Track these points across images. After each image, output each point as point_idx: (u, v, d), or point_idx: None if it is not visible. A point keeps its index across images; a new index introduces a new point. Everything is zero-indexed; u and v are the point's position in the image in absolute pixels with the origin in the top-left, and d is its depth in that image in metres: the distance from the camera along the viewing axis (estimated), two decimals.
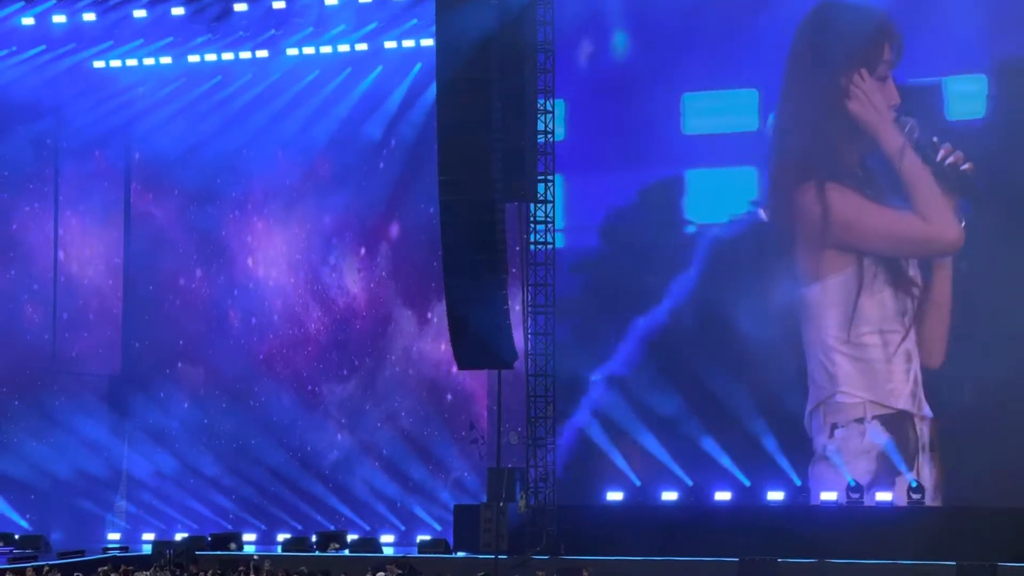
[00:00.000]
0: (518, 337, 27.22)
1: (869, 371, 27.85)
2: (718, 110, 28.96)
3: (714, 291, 28.53)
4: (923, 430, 27.30)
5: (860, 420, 27.74)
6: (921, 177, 27.30)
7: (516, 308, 27.57)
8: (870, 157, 27.83)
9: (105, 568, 23.91)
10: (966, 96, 27.18)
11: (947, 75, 27.26)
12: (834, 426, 27.90)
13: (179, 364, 34.15)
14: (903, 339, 27.48)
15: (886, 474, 27.38)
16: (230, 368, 33.58)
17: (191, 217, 34.00)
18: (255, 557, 24.72)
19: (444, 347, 31.40)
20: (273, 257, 33.68)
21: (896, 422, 27.55)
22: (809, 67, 28.14)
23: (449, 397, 31.95)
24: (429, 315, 32.03)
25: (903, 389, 27.55)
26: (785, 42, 28.21)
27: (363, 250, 32.94)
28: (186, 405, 33.78)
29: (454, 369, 30.36)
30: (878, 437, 27.56)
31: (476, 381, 31.06)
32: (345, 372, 33.00)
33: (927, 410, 27.30)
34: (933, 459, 27.22)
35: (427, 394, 32.17)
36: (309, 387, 33.17)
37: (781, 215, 28.57)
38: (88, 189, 34.03)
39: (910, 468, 27.14)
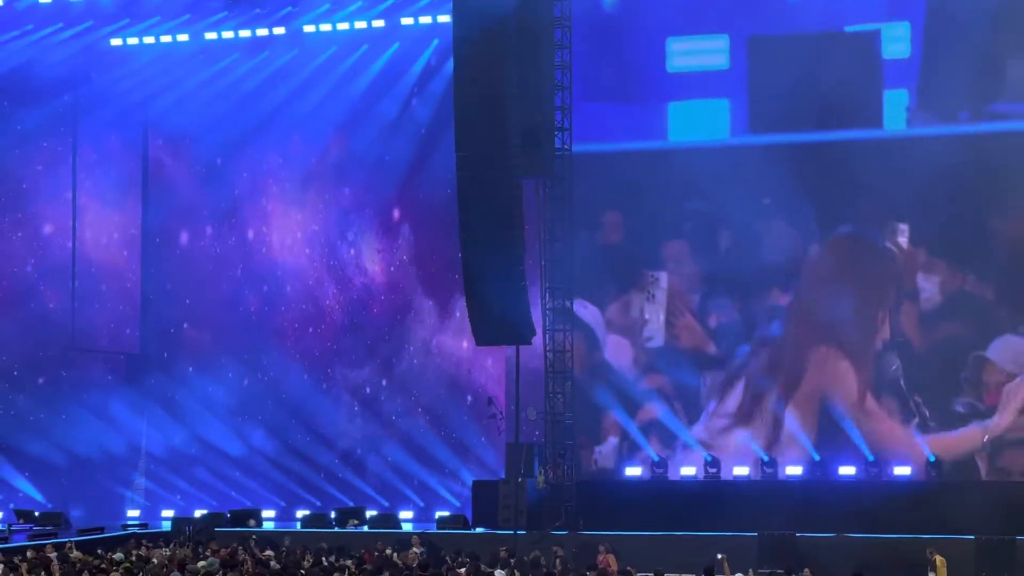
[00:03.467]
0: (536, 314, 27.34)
1: None
2: (696, 52, 29.51)
3: None
4: None
5: None
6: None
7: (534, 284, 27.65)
8: None
9: (128, 546, 23.99)
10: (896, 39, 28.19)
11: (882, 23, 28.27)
12: None
13: (185, 326, 34.21)
14: None
15: None
16: (239, 336, 33.69)
17: (208, 190, 34.04)
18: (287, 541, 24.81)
19: (467, 344, 31.47)
20: (289, 227, 33.63)
21: None
22: None
23: (469, 399, 31.84)
24: (452, 308, 31.83)
25: None
26: None
27: (383, 230, 32.90)
28: (191, 369, 33.84)
29: (476, 370, 30.46)
30: None
31: (498, 384, 30.78)
32: (358, 357, 32.96)
33: None
34: None
35: (446, 392, 32.10)
36: (321, 368, 33.13)
37: None
38: (106, 167, 34.00)
39: None
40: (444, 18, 30.34)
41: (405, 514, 31.12)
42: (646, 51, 29.54)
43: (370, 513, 30.01)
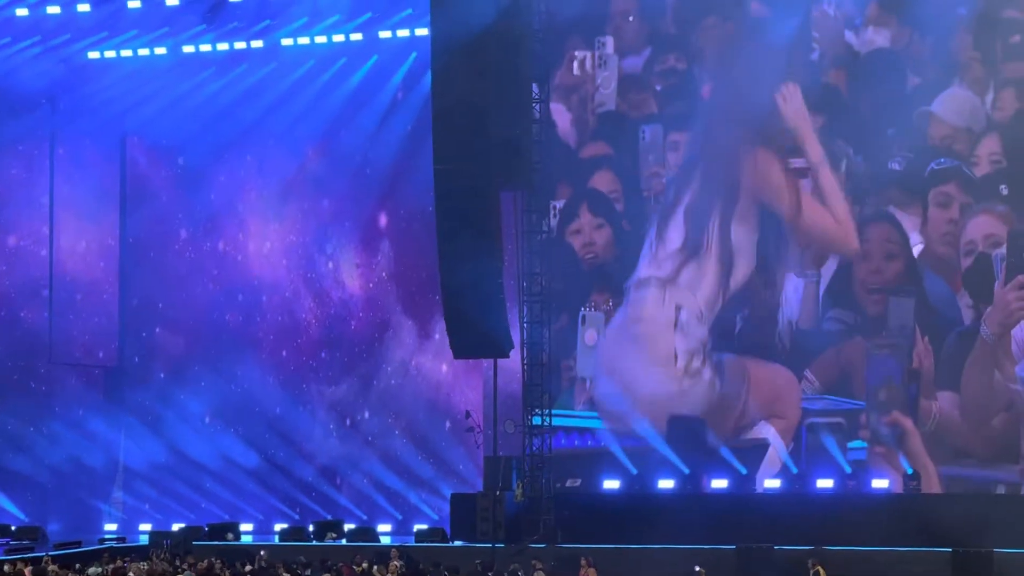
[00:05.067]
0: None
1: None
2: None
3: None
4: None
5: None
6: (834, 188, 27.90)
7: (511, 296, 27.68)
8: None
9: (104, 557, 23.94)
10: None
11: None
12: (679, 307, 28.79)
13: (162, 338, 34.14)
14: None
15: None
16: (212, 344, 33.62)
17: (187, 202, 33.99)
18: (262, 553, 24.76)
19: (446, 367, 31.50)
20: (267, 236, 33.58)
21: None
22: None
23: (448, 424, 31.77)
24: (431, 330, 31.78)
25: None
26: None
27: (362, 245, 32.86)
28: (169, 383, 33.76)
29: (455, 394, 30.45)
30: None
31: (477, 411, 30.40)
32: (335, 374, 32.91)
33: None
34: None
35: (424, 416, 32.05)
36: (297, 382, 33.09)
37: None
38: (83, 178, 33.93)
39: None
40: (422, 32, 30.39)
41: (383, 527, 31.08)
42: None
43: (348, 526, 29.98)
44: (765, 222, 28.29)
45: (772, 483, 27.89)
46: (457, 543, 27.58)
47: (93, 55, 33.41)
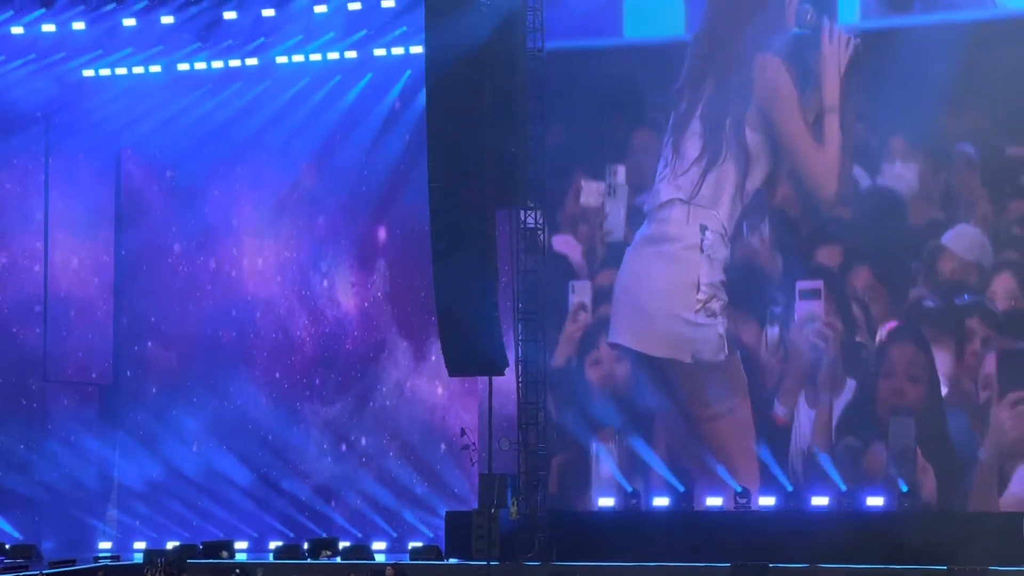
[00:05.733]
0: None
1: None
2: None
3: None
4: None
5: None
6: (834, 131, 27.75)
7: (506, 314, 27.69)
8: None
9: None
10: None
11: None
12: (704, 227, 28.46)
13: (156, 355, 34.10)
14: None
15: None
16: (206, 361, 33.59)
17: (181, 218, 33.99)
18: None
19: (442, 390, 31.47)
20: (262, 253, 33.55)
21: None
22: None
23: (443, 447, 31.75)
24: (427, 351, 31.63)
25: None
26: None
27: (358, 263, 32.83)
28: (164, 401, 33.73)
29: (451, 417, 30.42)
30: None
31: (473, 433, 30.03)
32: (329, 393, 32.85)
33: None
34: None
35: (419, 438, 31.96)
36: (291, 400, 33.01)
37: None
38: (77, 195, 33.92)
39: None
40: (416, 49, 30.41)
41: (378, 545, 31.05)
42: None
43: (343, 544, 29.96)
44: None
45: (767, 500, 27.87)
46: (452, 561, 27.58)
47: (88, 73, 33.39)
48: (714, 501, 28.12)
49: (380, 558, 29.34)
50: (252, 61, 32.57)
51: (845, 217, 27.65)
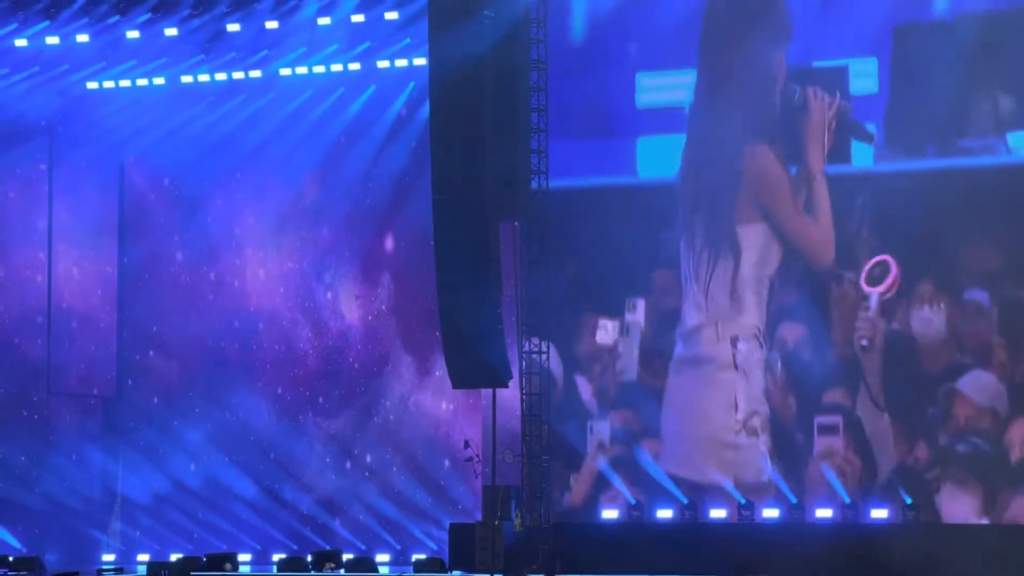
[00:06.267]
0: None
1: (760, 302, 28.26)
2: (665, 87, 29.13)
3: None
4: None
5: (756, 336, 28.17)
6: (824, 197, 27.75)
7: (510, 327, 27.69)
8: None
9: None
10: (863, 75, 27.88)
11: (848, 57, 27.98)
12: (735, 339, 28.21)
13: (159, 366, 34.09)
14: None
15: None
16: (211, 373, 33.56)
17: (185, 229, 34.00)
18: None
19: (445, 405, 31.45)
20: (264, 264, 33.53)
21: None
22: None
23: (447, 463, 31.75)
24: (431, 367, 31.64)
25: None
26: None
27: (362, 276, 32.81)
28: (167, 413, 33.71)
29: (455, 433, 30.39)
30: None
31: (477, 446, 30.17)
32: (332, 407, 32.82)
33: None
34: None
35: (422, 454, 31.96)
36: (293, 412, 32.98)
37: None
38: (80, 207, 33.93)
39: None
40: (420, 61, 30.42)
41: (382, 557, 31.02)
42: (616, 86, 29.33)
43: (347, 556, 29.91)
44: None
45: (771, 512, 27.84)
46: (456, 573, 27.55)
47: (92, 85, 33.46)
48: (718, 513, 28.09)
49: (384, 570, 29.33)
50: (256, 73, 32.61)
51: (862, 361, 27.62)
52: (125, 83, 33.37)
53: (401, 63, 31.66)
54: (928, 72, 26.99)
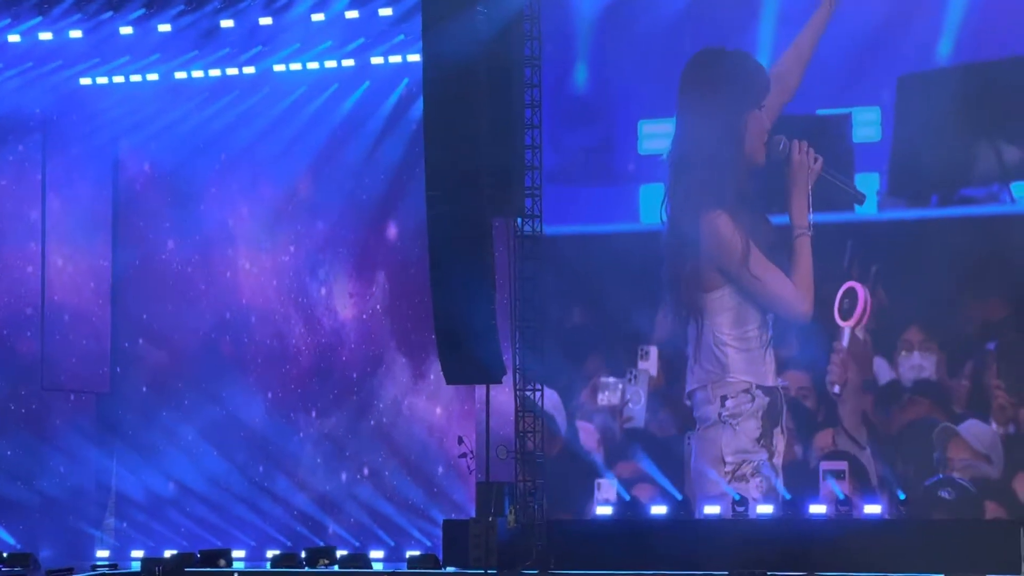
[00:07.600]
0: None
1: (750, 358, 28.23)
2: (668, 135, 29.01)
3: None
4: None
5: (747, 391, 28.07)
6: (804, 251, 27.80)
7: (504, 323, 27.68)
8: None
9: None
10: (867, 123, 27.87)
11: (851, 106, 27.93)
12: (724, 397, 28.15)
13: (153, 361, 34.05)
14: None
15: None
16: (205, 369, 33.55)
17: (179, 224, 33.98)
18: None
19: (440, 410, 31.41)
20: (258, 257, 33.51)
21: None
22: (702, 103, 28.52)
23: (440, 470, 31.71)
24: (426, 370, 31.56)
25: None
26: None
27: (356, 273, 32.76)
28: (153, 401, 33.70)
29: (450, 438, 30.36)
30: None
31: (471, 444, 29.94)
32: (324, 405, 32.78)
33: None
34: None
35: (415, 459, 31.91)
36: (285, 409, 32.95)
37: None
38: (74, 202, 33.89)
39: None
40: (414, 57, 30.48)
41: (376, 554, 31.04)
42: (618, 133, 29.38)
43: (340, 553, 29.92)
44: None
45: (765, 508, 27.86)
46: (449, 569, 27.57)
47: (85, 81, 33.43)
48: (712, 509, 28.11)
49: (378, 567, 29.33)
50: (249, 69, 32.60)
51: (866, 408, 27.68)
52: (119, 79, 33.37)
53: (395, 59, 31.65)
54: (931, 121, 26.97)
